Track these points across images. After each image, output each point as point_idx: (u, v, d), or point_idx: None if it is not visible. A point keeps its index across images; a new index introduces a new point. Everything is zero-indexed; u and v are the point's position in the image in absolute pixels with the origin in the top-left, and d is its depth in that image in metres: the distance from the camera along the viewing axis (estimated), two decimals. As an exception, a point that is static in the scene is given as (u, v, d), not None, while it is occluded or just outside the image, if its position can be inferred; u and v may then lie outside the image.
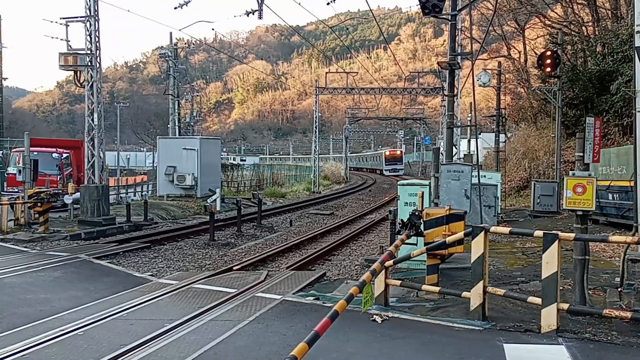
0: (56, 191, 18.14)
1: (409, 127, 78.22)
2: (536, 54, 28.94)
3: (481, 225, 6.89)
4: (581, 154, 7.13)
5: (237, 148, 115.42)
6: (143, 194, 32.80)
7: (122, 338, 6.41)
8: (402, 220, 8.45)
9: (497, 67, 28.57)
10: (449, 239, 7.40)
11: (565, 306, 6.20)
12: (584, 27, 31.44)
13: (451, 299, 7.61)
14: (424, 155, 72.61)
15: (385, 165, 72.40)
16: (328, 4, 18.25)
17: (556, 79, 22.38)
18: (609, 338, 6.06)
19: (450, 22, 14.85)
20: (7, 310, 7.79)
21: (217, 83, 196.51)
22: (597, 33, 29.07)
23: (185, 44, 42.30)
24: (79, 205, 18.39)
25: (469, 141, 35.49)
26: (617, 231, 14.42)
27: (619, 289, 7.58)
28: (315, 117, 47.26)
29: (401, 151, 75.57)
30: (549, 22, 34.13)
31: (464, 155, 29.31)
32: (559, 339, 6.00)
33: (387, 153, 74.23)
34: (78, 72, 18.21)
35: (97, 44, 17.89)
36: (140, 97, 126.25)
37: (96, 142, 18.07)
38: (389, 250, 7.30)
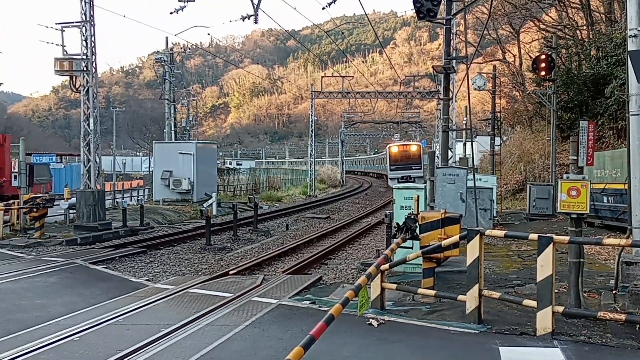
0: None
1: (405, 130, 77.50)
2: (531, 57, 29.10)
3: (477, 228, 6.92)
4: (575, 158, 7.16)
5: (233, 152, 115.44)
6: (139, 198, 32.66)
7: (118, 343, 6.40)
8: (397, 223, 8.48)
9: (492, 71, 28.69)
10: (444, 243, 7.43)
11: (561, 309, 6.22)
12: (578, 31, 31.63)
13: (447, 302, 7.62)
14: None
15: (392, 169, 43.89)
16: (323, 8, 18.34)
17: (551, 83, 22.48)
18: (604, 340, 6.09)
19: (445, 27, 14.93)
20: (3, 316, 7.77)
21: (213, 87, 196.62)
22: (591, 37, 29.23)
23: (181, 48, 42.41)
24: (74, 210, 18.38)
25: (464, 144, 35.60)
26: (612, 234, 14.48)
27: (614, 292, 7.62)
28: (311, 121, 47.33)
29: (419, 145, 46.31)
30: (544, 26, 34.33)
31: (460, 158, 29.39)
32: (554, 341, 6.02)
33: (395, 149, 45.19)
34: (74, 77, 18.20)
35: (93, 49, 17.89)
36: (136, 101, 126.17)
37: (92, 147, 18.05)
38: (385, 253, 7.33)
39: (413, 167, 42.60)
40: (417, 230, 8.03)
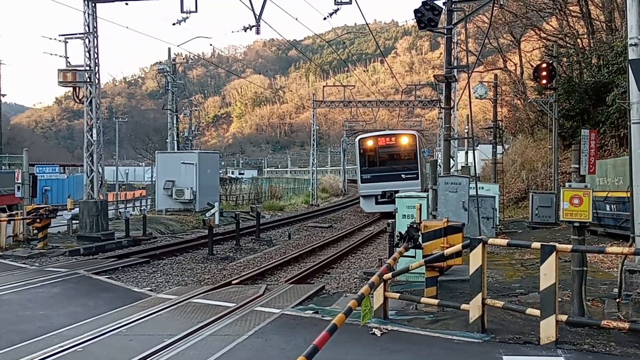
0: None
1: (407, 139, 77.11)
2: (532, 66, 29.16)
3: (479, 237, 6.92)
4: (577, 166, 7.18)
5: (235, 162, 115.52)
6: (142, 208, 32.73)
7: (121, 354, 6.40)
8: (400, 232, 8.49)
9: (493, 80, 28.76)
10: (447, 251, 7.43)
11: (564, 317, 6.21)
12: (579, 40, 31.72)
13: (450, 311, 7.61)
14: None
15: (364, 178, 28.94)
16: (325, 18, 18.46)
17: (552, 91, 22.52)
18: (608, 349, 6.07)
19: (446, 36, 15.00)
20: (5, 327, 7.78)
21: (215, 97, 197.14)
22: (592, 45, 29.30)
23: (183, 59, 42.56)
24: (77, 221, 18.41)
25: (466, 153, 35.59)
26: (615, 242, 14.44)
27: (617, 300, 7.60)
28: (313, 130, 47.39)
29: (412, 136, 30.48)
30: (545, 35, 34.46)
31: (462, 167, 29.36)
32: (558, 350, 6.01)
33: (370, 143, 29.73)
34: (77, 88, 18.29)
35: (96, 60, 18.00)
36: (138, 112, 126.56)
37: (95, 158, 18.11)
38: (388, 263, 7.32)
39: (403, 175, 26.83)
40: (420, 239, 8.04)
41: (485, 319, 6.75)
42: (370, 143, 28.97)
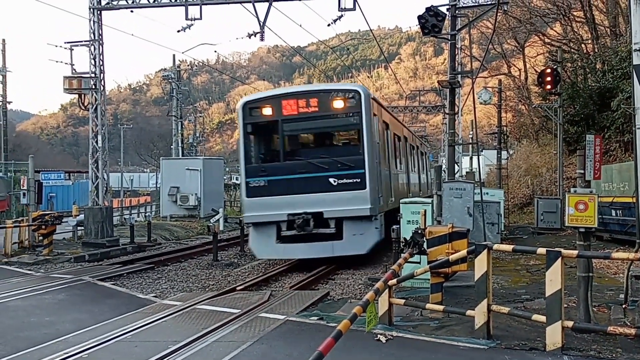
0: None
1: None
2: (536, 71, 29.16)
3: (484, 242, 6.91)
4: (582, 171, 7.16)
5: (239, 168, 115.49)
6: (146, 214, 32.84)
7: (126, 360, 6.41)
8: (405, 238, 8.48)
9: (497, 85, 28.74)
10: (452, 257, 7.42)
11: (570, 324, 6.19)
12: (583, 45, 31.70)
13: (455, 317, 7.59)
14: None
15: (251, 185, 13.61)
16: (329, 25, 18.53)
17: (557, 96, 22.49)
18: (614, 355, 6.03)
19: (450, 42, 15.03)
20: (11, 333, 7.80)
21: (219, 104, 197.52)
22: (596, 50, 29.29)
23: (188, 65, 42.80)
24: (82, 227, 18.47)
25: (471, 158, 35.60)
26: (621, 247, 14.37)
27: (623, 306, 7.56)
28: (318, 137, 47.39)
29: (357, 94, 13.02)
30: (549, 40, 34.44)
31: (467, 172, 29.34)
32: (564, 357, 5.98)
33: (265, 112, 13.63)
34: (82, 95, 18.40)
35: (101, 68, 18.11)
36: (143, 118, 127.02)
37: (100, 164, 18.19)
38: (392, 269, 7.31)
39: (333, 180, 13.51)
40: (425, 245, 8.03)
41: (491, 325, 6.73)
42: (266, 112, 14.04)
